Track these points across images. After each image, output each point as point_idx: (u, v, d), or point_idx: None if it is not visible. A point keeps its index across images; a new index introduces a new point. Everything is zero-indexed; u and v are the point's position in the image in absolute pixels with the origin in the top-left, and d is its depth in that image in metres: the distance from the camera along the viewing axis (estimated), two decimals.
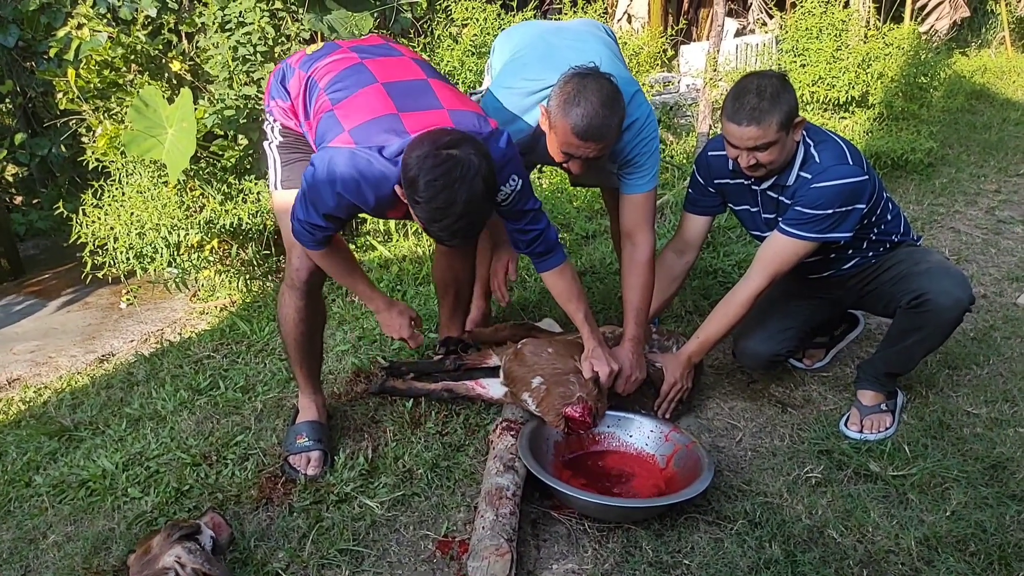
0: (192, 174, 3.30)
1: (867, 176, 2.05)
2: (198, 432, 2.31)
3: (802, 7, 5.77)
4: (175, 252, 3.28)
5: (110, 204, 3.31)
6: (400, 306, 2.16)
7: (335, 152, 1.76)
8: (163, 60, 3.47)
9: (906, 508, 1.95)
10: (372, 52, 1.98)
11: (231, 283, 3.49)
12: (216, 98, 3.28)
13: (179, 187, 3.30)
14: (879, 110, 5.34)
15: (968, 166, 5.00)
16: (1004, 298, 3.11)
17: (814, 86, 5.35)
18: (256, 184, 3.34)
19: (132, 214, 3.24)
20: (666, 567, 1.77)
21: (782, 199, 2.15)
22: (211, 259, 3.41)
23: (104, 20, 3.38)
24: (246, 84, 3.27)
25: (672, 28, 6.80)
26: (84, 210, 3.32)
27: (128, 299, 3.61)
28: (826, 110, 5.49)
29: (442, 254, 2.48)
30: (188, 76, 3.47)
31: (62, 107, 3.37)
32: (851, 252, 2.24)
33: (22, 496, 2.11)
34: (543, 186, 4.46)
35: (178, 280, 3.47)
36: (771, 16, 7.66)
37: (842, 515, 1.93)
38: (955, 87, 6.84)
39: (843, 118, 5.44)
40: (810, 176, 2.06)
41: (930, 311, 2.09)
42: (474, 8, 4.71)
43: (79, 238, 3.28)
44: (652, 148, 2.18)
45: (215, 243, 3.34)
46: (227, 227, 3.24)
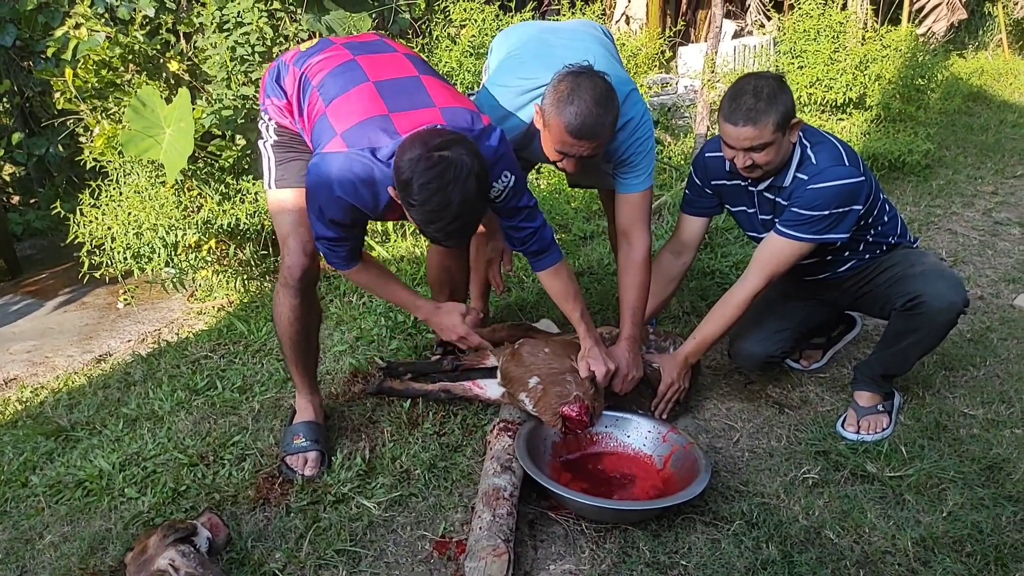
0: (190, 174, 3.30)
1: (863, 177, 2.06)
2: (195, 432, 2.31)
3: (800, 9, 5.78)
4: (172, 252, 3.28)
5: (107, 204, 3.30)
6: (447, 306, 2.13)
7: (330, 158, 1.77)
8: (161, 60, 3.46)
9: (903, 509, 1.95)
10: (365, 48, 1.98)
11: (229, 283, 3.49)
12: (214, 98, 3.28)
13: (177, 187, 3.30)
14: (876, 112, 5.35)
15: (965, 168, 5.01)
16: (1001, 300, 3.12)
17: (812, 88, 5.36)
18: (254, 184, 3.34)
19: (129, 214, 3.24)
20: (663, 568, 1.77)
21: (779, 200, 2.16)
22: (209, 259, 3.41)
23: (102, 20, 3.38)
24: (244, 84, 3.27)
25: (670, 29, 6.81)
26: (81, 210, 3.31)
27: (125, 299, 3.61)
28: (824, 112, 5.50)
29: (436, 253, 2.49)
30: (186, 76, 3.47)
31: (59, 107, 3.37)
32: (848, 254, 2.25)
33: (18, 496, 2.10)
34: (541, 187, 4.47)
35: (175, 280, 3.46)
36: (769, 18, 7.67)
37: (839, 516, 1.93)
38: (952, 89, 6.85)
39: (841, 120, 5.45)
40: (807, 177, 2.06)
41: (924, 313, 2.10)
42: (472, 9, 4.71)
43: (76, 238, 3.28)
44: (647, 147, 2.19)
45: (213, 243, 3.34)
46: (225, 227, 3.24)
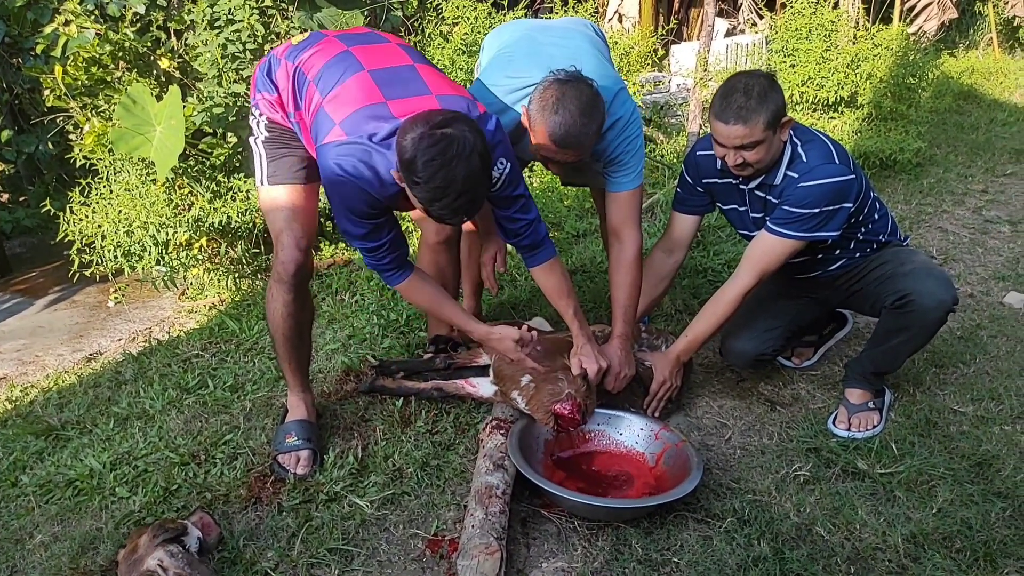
0: (181, 172, 3.28)
1: (854, 175, 2.06)
2: (187, 431, 2.30)
3: (792, 8, 5.80)
4: (163, 250, 3.27)
5: (98, 202, 3.29)
6: (498, 330, 2.09)
7: (331, 149, 1.77)
8: (151, 57, 3.44)
9: (893, 505, 1.96)
10: (358, 40, 1.98)
11: (220, 281, 3.48)
12: (205, 96, 3.27)
13: (167, 185, 3.28)
14: (868, 110, 5.37)
15: (956, 166, 5.03)
16: (991, 297, 3.14)
17: (803, 86, 5.37)
18: (245, 182, 3.32)
19: (120, 212, 3.22)
20: (655, 565, 1.78)
21: (770, 198, 2.16)
22: (200, 257, 3.39)
23: (92, 16, 3.36)
24: (235, 82, 3.26)
25: (663, 28, 6.82)
26: (71, 208, 3.30)
27: (116, 298, 3.59)
28: (815, 110, 5.51)
29: (427, 251, 2.48)
30: (177, 73, 3.45)
31: (49, 104, 3.34)
32: (838, 252, 2.25)
33: (8, 496, 2.09)
34: (534, 184, 4.47)
35: (166, 279, 3.45)
36: (761, 16, 7.70)
37: (830, 512, 1.94)
38: (943, 88, 6.88)
39: (832, 118, 5.47)
40: (797, 175, 2.07)
41: (914, 311, 2.11)
42: (465, 7, 4.70)
43: (66, 236, 3.26)
44: (636, 146, 2.19)
45: (204, 241, 3.32)
46: (216, 225, 3.23)
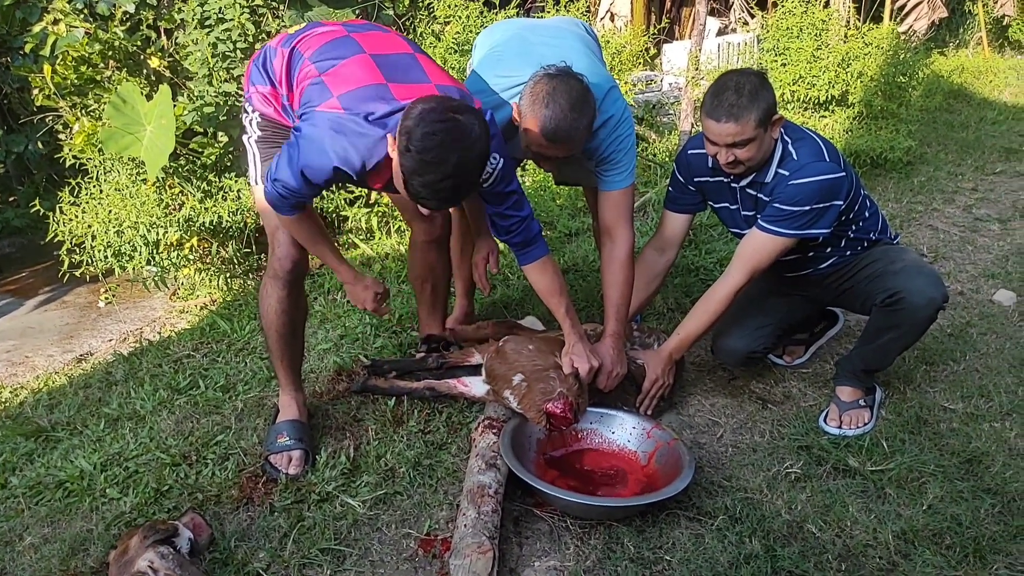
0: (171, 171, 3.27)
1: (844, 173, 2.07)
2: (178, 432, 2.29)
3: (783, 7, 5.81)
4: (154, 250, 3.25)
5: (88, 202, 3.27)
6: (367, 280, 2.17)
7: (324, 116, 1.77)
8: (141, 56, 3.43)
9: (884, 503, 1.97)
10: (358, 28, 1.99)
11: (211, 281, 3.46)
12: (195, 95, 3.26)
13: (158, 185, 3.27)
14: (859, 109, 5.39)
15: (946, 164, 5.05)
16: (980, 295, 3.15)
17: (795, 85, 5.39)
18: (236, 181, 3.31)
19: (110, 212, 3.21)
20: (647, 563, 1.78)
21: (761, 196, 2.17)
22: (191, 257, 3.38)
23: (81, 15, 3.34)
24: (226, 81, 3.24)
25: (654, 27, 6.82)
26: (61, 208, 3.28)
27: (106, 298, 3.57)
28: (806, 109, 5.53)
29: (416, 249, 2.48)
30: (167, 73, 3.43)
31: (38, 103, 3.32)
32: (829, 250, 2.26)
33: None
34: (526, 183, 4.46)
35: (157, 279, 3.43)
36: (752, 15, 7.72)
37: (821, 510, 1.95)
38: (933, 86, 6.92)
39: (823, 117, 5.49)
40: (788, 173, 2.08)
41: (904, 309, 2.11)
42: (456, 5, 4.69)
43: (56, 236, 3.24)
44: (628, 145, 2.19)
45: (195, 241, 3.31)
46: (207, 225, 3.22)
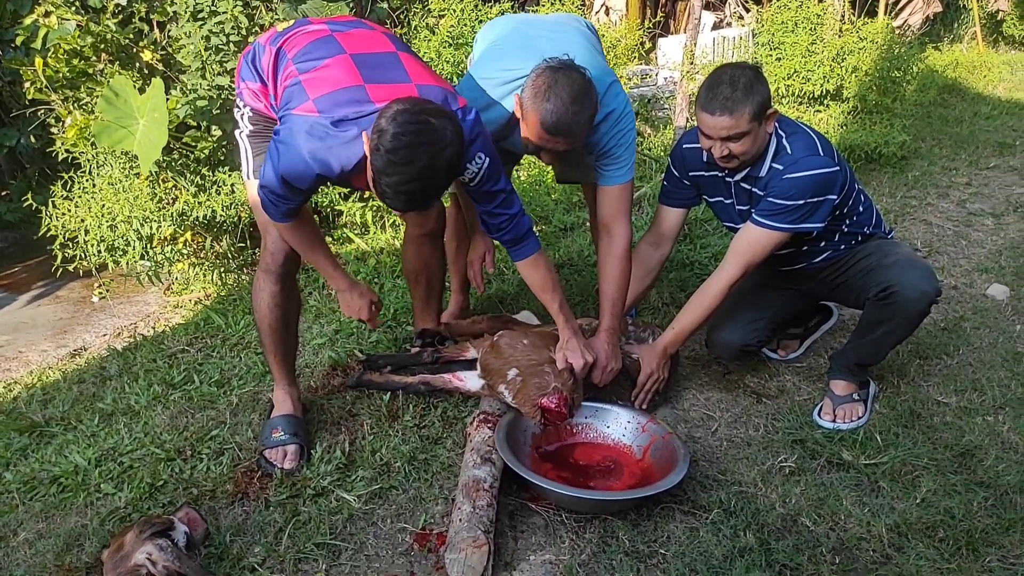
0: (164, 165, 3.25)
1: (838, 167, 2.07)
2: (172, 427, 2.29)
3: (778, 1, 5.81)
4: (148, 245, 3.24)
5: (80, 196, 3.25)
6: (361, 288, 2.18)
7: (299, 120, 1.76)
8: (134, 49, 3.40)
9: (877, 496, 1.98)
10: (343, 26, 1.98)
11: (205, 276, 3.45)
12: (188, 88, 3.23)
13: (151, 179, 3.25)
14: (853, 104, 5.40)
15: (940, 159, 5.06)
16: (974, 289, 3.17)
17: (789, 79, 5.39)
18: (230, 176, 3.30)
19: (103, 206, 3.19)
20: (642, 556, 1.78)
21: (755, 190, 2.17)
22: (185, 252, 3.37)
23: (72, 8, 3.31)
24: (219, 74, 3.22)
25: (649, 21, 6.81)
26: (54, 202, 3.26)
27: (100, 293, 3.56)
28: (801, 103, 5.53)
29: (411, 243, 2.47)
30: (160, 66, 3.41)
31: (30, 97, 3.30)
32: (823, 244, 2.27)
33: None
34: (521, 178, 4.46)
35: (151, 273, 3.42)
36: (747, 10, 7.71)
37: (815, 503, 1.96)
38: (928, 81, 6.92)
39: (818, 111, 5.49)
40: (782, 167, 2.08)
41: (897, 303, 2.12)
42: None
43: (49, 231, 3.22)
44: (628, 140, 2.19)
45: (188, 235, 3.30)
46: (201, 219, 3.20)
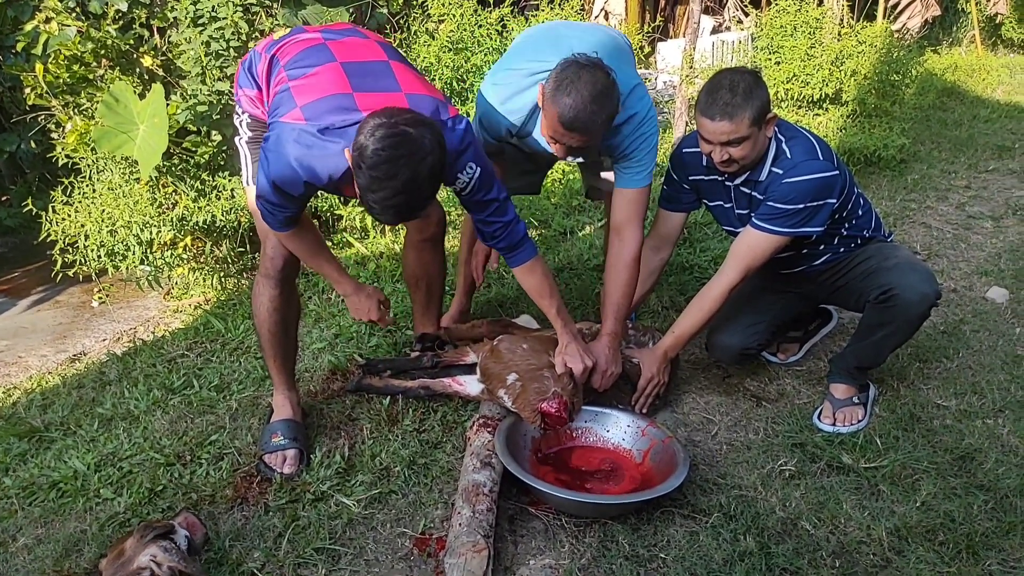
0: (164, 171, 3.25)
1: (837, 171, 2.08)
2: (172, 432, 2.28)
3: (777, 5, 5.82)
4: (148, 250, 3.24)
5: (80, 201, 3.26)
6: (368, 289, 2.17)
7: (287, 128, 1.77)
8: (134, 55, 3.41)
9: (877, 499, 1.98)
10: (337, 34, 1.99)
11: (205, 281, 3.45)
12: (189, 94, 3.24)
13: (151, 184, 3.25)
14: (852, 107, 5.40)
15: (939, 162, 5.07)
16: (973, 292, 3.17)
17: (788, 83, 5.40)
18: (230, 180, 3.30)
19: (103, 211, 3.19)
20: (642, 561, 1.78)
21: (755, 194, 2.17)
22: (185, 257, 3.37)
23: (73, 14, 3.32)
24: (219, 79, 3.23)
25: (649, 25, 6.83)
26: (54, 207, 3.26)
27: (100, 298, 3.56)
28: (800, 107, 5.54)
29: (411, 248, 2.47)
30: (160, 71, 3.42)
31: (30, 102, 3.30)
32: (822, 247, 2.27)
33: None
34: None
35: (151, 278, 3.42)
36: (747, 14, 7.73)
37: (815, 507, 1.96)
38: (927, 85, 6.93)
39: (817, 115, 5.50)
40: (782, 171, 2.08)
41: (897, 306, 2.12)
42: (450, 3, 4.69)
43: (49, 236, 3.23)
44: (650, 144, 2.19)
45: (188, 240, 3.30)
46: (201, 224, 3.20)
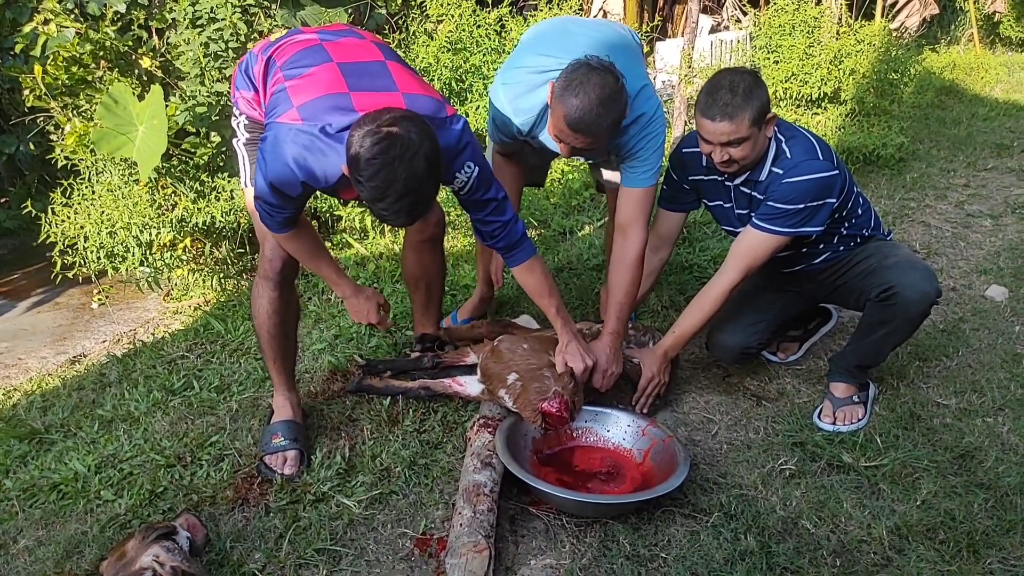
0: (164, 172, 3.26)
1: (837, 171, 2.08)
2: (172, 433, 2.28)
3: (775, 4, 5.82)
4: (147, 251, 3.24)
5: (80, 203, 3.26)
6: (367, 291, 2.16)
7: (283, 128, 1.76)
8: (133, 56, 3.41)
9: (878, 498, 1.98)
10: (333, 35, 1.99)
11: (205, 282, 3.45)
12: (187, 95, 3.24)
13: (150, 185, 3.25)
14: (851, 106, 5.40)
15: (938, 161, 5.07)
16: (973, 291, 3.17)
17: (787, 82, 5.40)
18: (229, 182, 3.30)
19: (102, 213, 3.19)
20: (643, 560, 1.78)
21: (755, 194, 2.18)
22: (184, 258, 3.37)
23: (71, 15, 3.32)
24: (218, 81, 3.23)
25: (647, 24, 6.83)
26: (53, 209, 3.26)
27: (100, 299, 3.56)
28: (799, 106, 5.54)
29: (410, 249, 2.47)
30: (159, 73, 3.42)
31: (29, 104, 3.30)
32: (822, 247, 2.27)
33: None
34: None
35: (150, 279, 3.42)
36: (745, 13, 7.72)
37: (816, 506, 1.96)
38: (925, 83, 6.93)
39: (815, 114, 5.50)
40: (782, 171, 2.08)
41: (898, 304, 2.13)
42: (449, 4, 4.69)
43: (48, 237, 3.23)
44: (656, 144, 2.20)
45: (188, 242, 3.30)
46: (200, 225, 3.20)
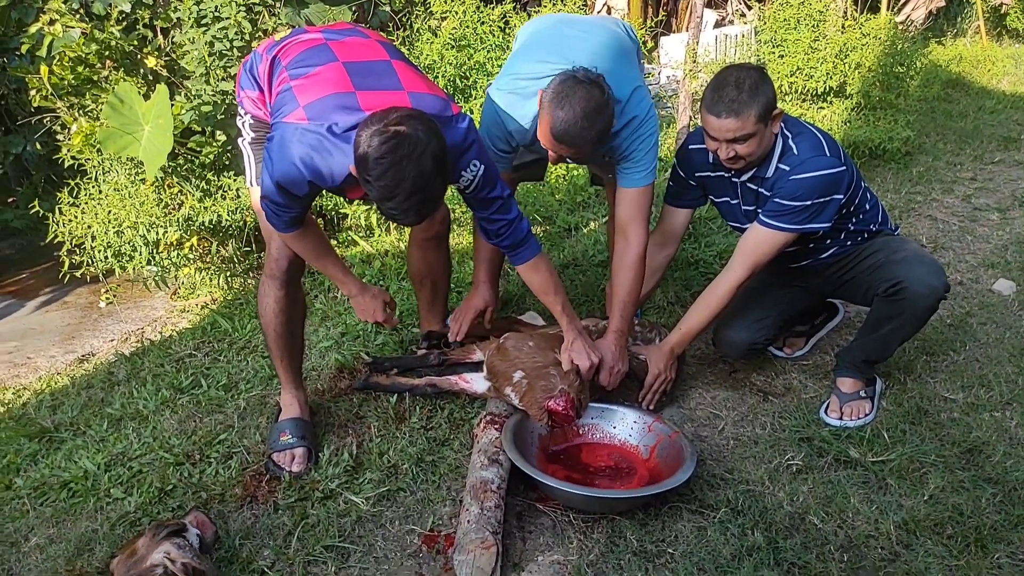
0: (170, 171, 3.27)
1: (844, 167, 2.07)
2: (181, 431, 2.30)
3: None
4: (154, 250, 3.25)
5: (87, 202, 3.27)
6: (374, 290, 2.17)
7: (289, 128, 1.76)
8: (138, 56, 3.42)
9: (885, 493, 1.98)
10: (338, 34, 1.99)
11: (212, 281, 3.47)
12: (193, 94, 3.25)
13: (157, 184, 3.27)
14: (857, 100, 5.38)
15: (944, 154, 5.05)
16: (980, 285, 3.16)
17: (792, 77, 5.38)
18: (235, 180, 3.31)
19: (109, 212, 3.21)
20: (650, 556, 1.79)
21: (761, 191, 2.17)
22: (191, 257, 3.38)
23: (77, 15, 3.32)
24: (223, 79, 3.24)
25: (652, 19, 6.81)
26: (60, 208, 3.28)
27: (107, 298, 3.57)
28: (804, 100, 5.52)
29: (416, 246, 2.48)
30: (164, 72, 3.43)
31: (36, 104, 3.32)
32: (829, 242, 2.27)
33: (2, 499, 2.08)
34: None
35: (158, 278, 3.44)
36: (749, 7, 7.69)
37: (823, 501, 1.96)
38: (931, 76, 6.89)
39: (821, 108, 5.48)
40: (789, 168, 2.08)
41: (906, 299, 2.12)
42: (453, 1, 4.68)
43: (56, 237, 3.25)
44: (649, 144, 2.19)
45: (195, 240, 3.31)
46: (206, 224, 3.21)
